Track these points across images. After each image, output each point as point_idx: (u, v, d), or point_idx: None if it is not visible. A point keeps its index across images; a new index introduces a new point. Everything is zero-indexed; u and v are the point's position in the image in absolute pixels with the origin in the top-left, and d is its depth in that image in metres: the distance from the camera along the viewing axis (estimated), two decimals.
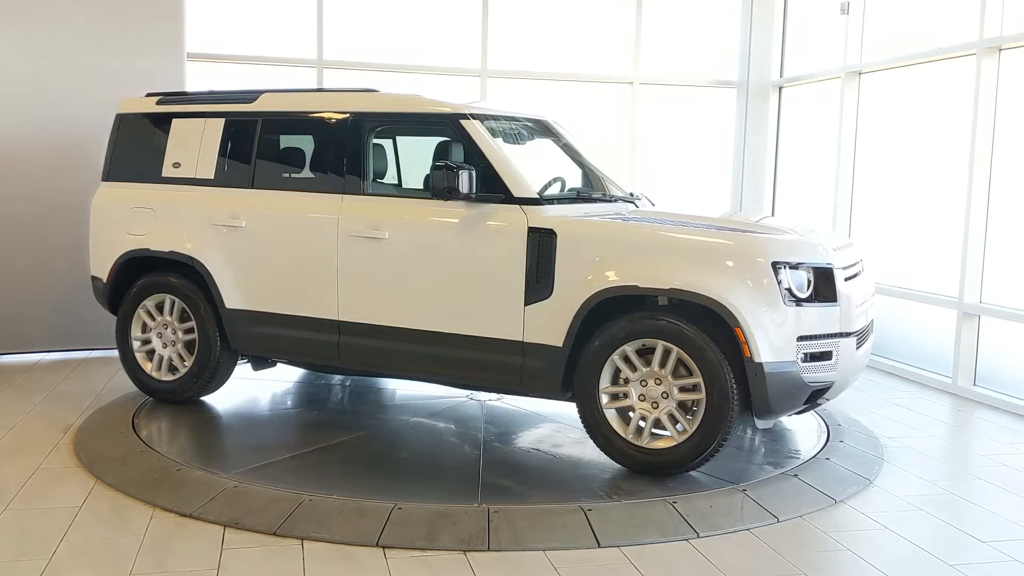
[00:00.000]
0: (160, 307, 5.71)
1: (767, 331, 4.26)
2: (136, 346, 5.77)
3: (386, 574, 3.60)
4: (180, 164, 5.68)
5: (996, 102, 6.50)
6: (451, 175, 4.63)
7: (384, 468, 4.70)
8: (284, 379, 6.41)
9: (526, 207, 4.70)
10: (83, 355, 7.23)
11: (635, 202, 5.35)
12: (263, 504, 4.12)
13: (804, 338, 4.35)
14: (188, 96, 5.93)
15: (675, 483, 4.44)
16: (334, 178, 5.21)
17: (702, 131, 9.30)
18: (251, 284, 5.38)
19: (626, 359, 4.49)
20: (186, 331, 5.64)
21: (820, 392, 4.47)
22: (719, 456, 4.73)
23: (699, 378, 4.34)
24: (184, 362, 5.66)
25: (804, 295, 4.37)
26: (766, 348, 4.26)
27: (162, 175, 5.72)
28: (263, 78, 7.86)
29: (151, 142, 5.82)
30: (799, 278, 4.38)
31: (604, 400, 4.53)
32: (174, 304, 5.64)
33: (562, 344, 4.56)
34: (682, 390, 4.42)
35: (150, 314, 5.73)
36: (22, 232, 7.04)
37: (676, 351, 4.37)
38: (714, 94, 9.28)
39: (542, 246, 4.60)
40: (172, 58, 7.27)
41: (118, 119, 5.99)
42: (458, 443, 5.15)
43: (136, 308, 5.73)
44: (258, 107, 5.52)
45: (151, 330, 5.75)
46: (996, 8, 6.49)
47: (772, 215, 9.12)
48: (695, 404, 4.41)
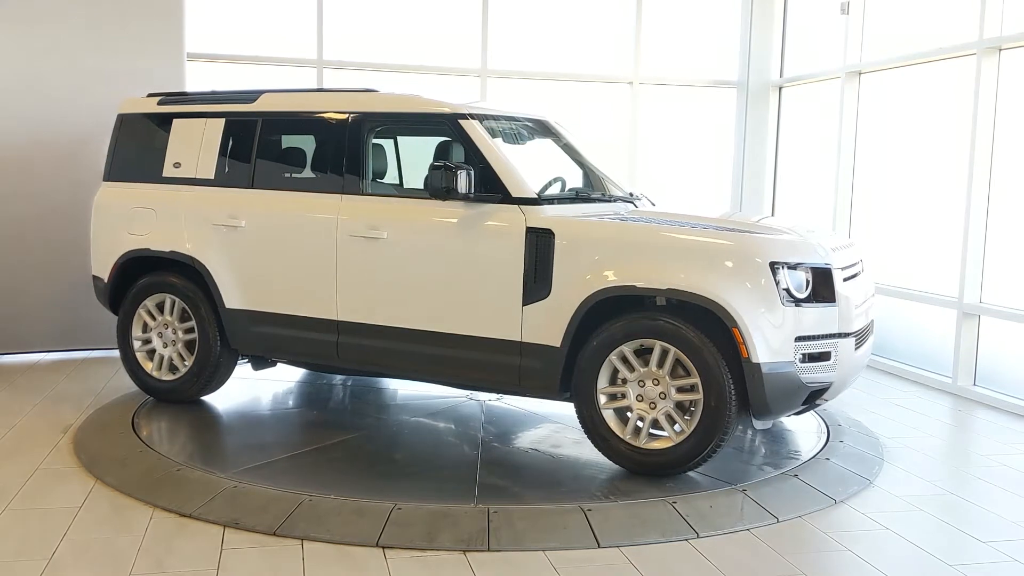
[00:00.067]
0: (161, 307, 5.72)
1: (765, 331, 4.26)
2: (137, 346, 5.77)
3: (386, 574, 3.60)
4: (181, 164, 5.68)
5: (996, 102, 6.50)
6: (449, 175, 4.63)
7: (383, 468, 4.70)
8: (284, 379, 6.41)
9: (524, 207, 4.70)
10: (83, 355, 7.23)
11: (635, 202, 5.35)
12: (263, 504, 4.12)
13: (802, 338, 4.34)
14: (189, 96, 5.94)
15: (675, 483, 4.44)
16: (333, 178, 5.21)
17: (702, 131, 9.30)
18: (251, 284, 5.38)
19: (624, 359, 4.49)
20: (186, 331, 5.64)
21: (819, 393, 4.46)
22: (719, 456, 4.73)
23: (697, 378, 4.34)
24: (184, 362, 5.67)
25: (802, 295, 4.37)
26: (764, 348, 4.25)
27: (163, 175, 5.73)
28: (263, 78, 7.87)
29: (152, 142, 5.83)
30: (797, 278, 4.37)
31: (602, 400, 4.53)
32: (174, 304, 5.65)
33: (560, 344, 4.56)
34: (680, 390, 4.41)
35: (151, 314, 5.74)
36: (22, 232, 7.04)
37: (674, 351, 4.37)
38: (714, 94, 9.28)
39: (540, 246, 4.60)
40: (172, 58, 7.27)
41: (119, 119, 6.00)
42: (457, 443, 5.15)
43: (137, 308, 5.74)
44: (258, 107, 5.52)
45: (152, 330, 5.75)
46: (996, 8, 6.49)
47: (772, 215, 9.12)
48: (693, 404, 4.40)
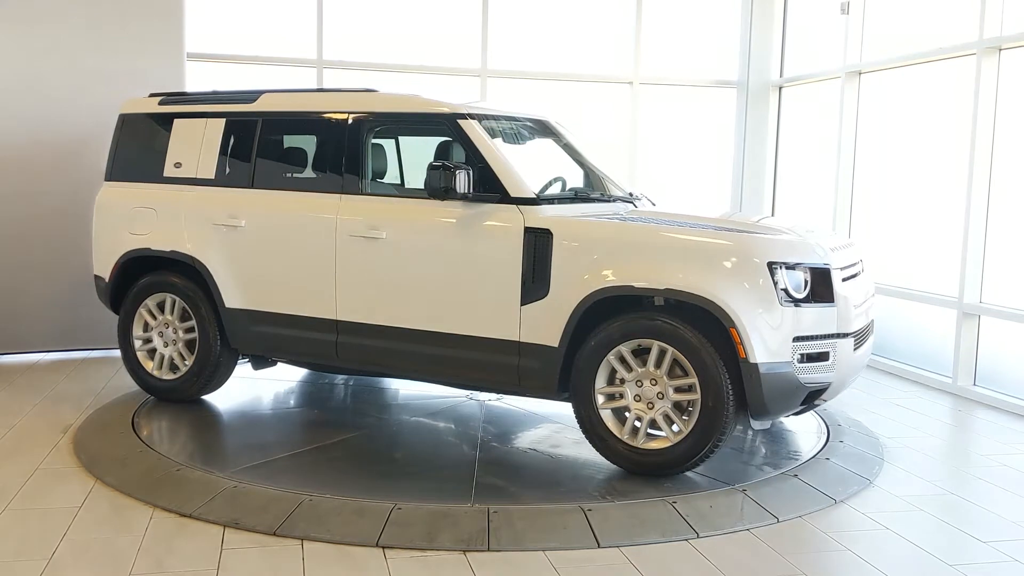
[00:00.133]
0: (161, 306, 5.72)
1: (763, 331, 4.25)
2: (137, 345, 5.78)
3: (386, 574, 3.60)
4: (181, 164, 5.69)
5: (996, 102, 6.50)
6: (447, 175, 4.63)
7: (383, 468, 4.70)
8: (285, 379, 6.41)
9: (523, 207, 4.70)
10: (83, 355, 7.23)
11: (634, 202, 5.34)
12: (263, 504, 4.12)
13: (800, 339, 4.34)
14: (190, 96, 5.94)
15: (675, 483, 4.44)
16: (333, 178, 5.21)
17: (702, 131, 9.30)
18: (251, 283, 5.38)
19: (622, 359, 4.48)
20: (187, 330, 5.65)
21: (817, 393, 4.46)
22: (719, 456, 4.73)
23: (694, 379, 4.33)
24: (185, 361, 5.67)
25: (801, 295, 4.36)
26: (762, 348, 4.25)
27: (164, 175, 5.74)
28: (263, 78, 7.86)
29: (153, 142, 5.83)
30: (796, 278, 4.37)
31: (600, 400, 4.53)
32: (175, 303, 5.66)
33: (558, 344, 4.56)
34: (678, 391, 4.41)
35: (151, 313, 5.74)
36: (22, 232, 7.04)
37: (671, 351, 4.36)
38: (714, 94, 9.28)
39: (538, 246, 4.60)
40: (172, 58, 7.27)
41: (121, 119, 6.01)
42: (456, 443, 5.15)
43: (138, 307, 5.75)
44: (258, 107, 5.53)
45: (152, 329, 5.76)
46: (996, 8, 6.49)
47: (772, 215, 9.12)
48: (691, 405, 4.40)
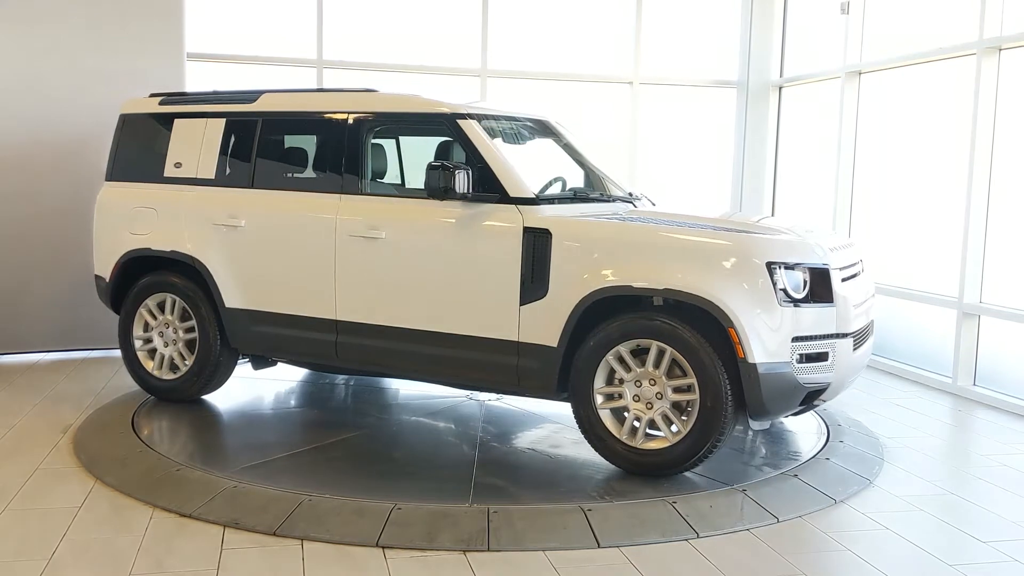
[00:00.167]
0: (161, 306, 5.72)
1: (761, 332, 4.25)
2: (138, 345, 5.78)
3: (386, 574, 3.60)
4: (182, 164, 5.69)
5: (996, 102, 6.50)
6: (447, 175, 4.63)
7: (382, 468, 4.70)
8: (285, 378, 6.41)
9: (522, 207, 4.70)
10: (83, 355, 7.23)
11: (634, 202, 5.34)
12: (263, 504, 4.12)
13: (799, 339, 4.33)
14: (190, 96, 5.95)
15: (675, 483, 4.44)
16: (333, 178, 5.21)
17: (702, 131, 9.30)
18: (250, 283, 5.38)
19: (620, 359, 4.48)
20: (187, 330, 5.65)
21: (816, 393, 4.45)
22: (719, 456, 4.73)
23: (693, 379, 4.33)
24: (185, 361, 5.67)
25: (800, 296, 4.35)
26: (760, 349, 4.24)
27: (164, 175, 5.74)
28: (263, 78, 7.86)
29: (154, 142, 5.84)
30: (794, 279, 4.36)
31: (599, 400, 4.53)
32: (175, 303, 5.66)
33: (557, 344, 4.56)
34: (676, 391, 4.40)
35: (152, 313, 5.75)
36: (21, 232, 7.04)
37: (670, 351, 4.36)
38: (714, 94, 9.28)
39: (537, 246, 4.60)
40: (172, 58, 7.27)
41: (121, 119, 6.02)
42: (456, 443, 5.14)
43: (138, 307, 5.75)
44: (258, 107, 5.53)
45: (153, 329, 5.76)
46: (996, 8, 6.49)
47: (772, 215, 9.12)
48: (689, 405, 4.39)
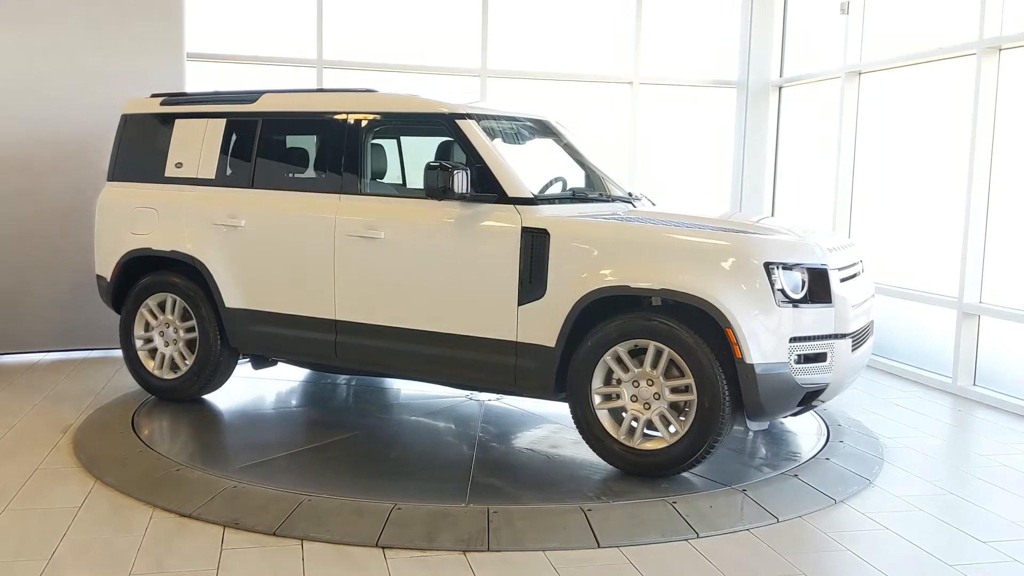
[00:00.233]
0: (162, 306, 5.73)
1: (759, 332, 4.24)
2: (139, 344, 5.79)
3: (386, 574, 3.60)
4: (182, 164, 5.69)
5: (996, 102, 6.50)
6: (445, 175, 4.63)
7: (381, 468, 4.69)
8: (286, 378, 6.41)
9: (520, 207, 4.69)
10: (83, 355, 7.23)
11: (633, 202, 5.34)
12: (262, 504, 4.12)
13: (797, 339, 4.32)
14: (191, 97, 5.95)
15: (675, 483, 4.44)
16: (332, 178, 5.22)
17: (702, 131, 9.30)
18: (250, 283, 5.39)
19: (618, 360, 4.47)
20: (187, 330, 5.65)
21: (815, 394, 4.44)
22: (719, 456, 4.73)
23: (691, 379, 4.32)
24: (185, 360, 5.68)
25: (798, 296, 4.35)
26: (758, 349, 4.23)
27: (165, 175, 5.74)
28: (263, 78, 7.86)
29: (155, 142, 5.84)
30: (793, 279, 4.35)
31: (596, 401, 4.52)
32: (175, 303, 5.66)
33: (555, 344, 4.55)
34: (674, 391, 4.40)
35: (152, 313, 5.75)
36: (21, 232, 7.04)
37: (667, 352, 4.35)
38: (714, 94, 9.28)
39: (535, 246, 4.59)
40: (172, 58, 7.27)
41: (123, 119, 6.02)
42: (456, 443, 5.14)
43: (139, 307, 5.76)
44: (258, 107, 5.53)
45: (153, 329, 5.76)
46: (996, 8, 6.49)
47: (772, 215, 9.12)
48: (687, 405, 4.39)
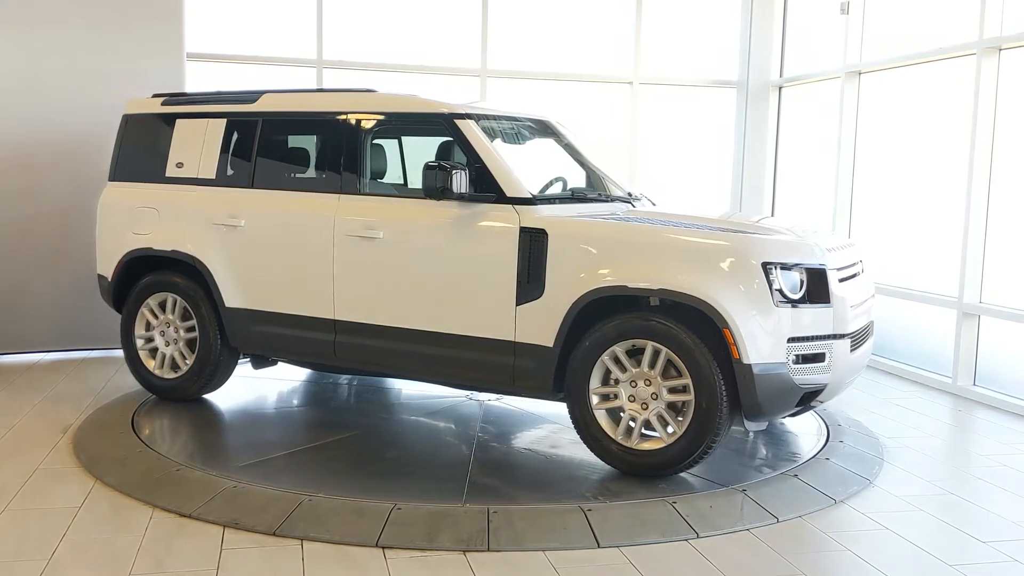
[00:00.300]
0: (163, 305, 5.73)
1: (757, 332, 4.23)
2: (139, 344, 5.79)
3: (386, 574, 3.60)
4: (183, 164, 5.70)
5: (996, 102, 6.50)
6: (443, 175, 4.62)
7: (381, 468, 4.69)
8: (287, 378, 6.41)
9: (519, 207, 4.69)
10: (83, 355, 7.23)
11: (633, 202, 5.34)
12: (262, 504, 4.12)
13: (795, 339, 4.31)
14: (192, 97, 5.96)
15: (675, 483, 4.44)
16: (332, 178, 5.22)
17: (702, 131, 9.30)
18: (250, 283, 5.39)
19: (616, 360, 4.47)
20: (187, 329, 5.66)
21: (813, 394, 4.44)
22: (719, 456, 4.73)
23: (688, 379, 4.32)
24: (186, 360, 5.68)
25: (796, 296, 4.34)
26: (755, 349, 4.22)
27: (166, 175, 5.75)
28: (263, 78, 7.86)
29: (156, 142, 5.85)
30: (791, 279, 4.35)
31: (594, 401, 4.52)
32: (176, 303, 5.67)
33: (553, 344, 4.55)
34: (671, 391, 4.39)
35: (153, 312, 5.76)
36: (21, 232, 7.03)
37: (665, 352, 4.35)
38: (714, 94, 9.28)
39: (534, 246, 4.59)
40: (172, 58, 7.27)
41: (124, 120, 6.03)
42: (455, 443, 5.14)
43: (140, 306, 5.76)
44: (258, 107, 5.54)
45: (154, 328, 5.77)
46: (996, 8, 6.49)
47: (772, 215, 9.12)
48: (685, 405, 4.38)
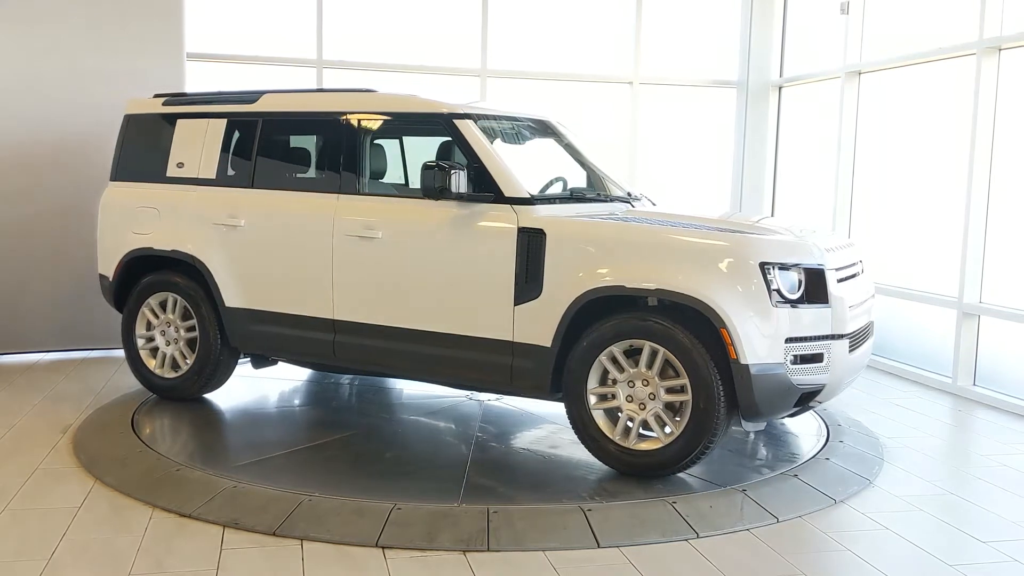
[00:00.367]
0: (163, 305, 5.74)
1: (754, 332, 4.22)
2: (140, 343, 5.80)
3: (386, 574, 3.60)
4: (184, 164, 5.70)
5: (996, 102, 6.49)
6: (442, 175, 4.63)
7: (380, 468, 4.69)
8: (287, 378, 6.41)
9: (517, 207, 4.69)
10: (83, 355, 7.23)
11: (632, 202, 5.34)
12: (262, 504, 4.12)
13: (793, 340, 4.30)
14: (193, 97, 5.97)
15: (675, 484, 4.44)
16: (331, 178, 5.22)
17: (702, 131, 9.30)
18: (250, 283, 5.39)
19: (614, 360, 4.47)
20: (188, 329, 5.66)
21: (811, 395, 4.43)
22: (719, 457, 4.73)
23: (686, 379, 4.31)
24: (186, 359, 5.69)
25: (794, 296, 4.33)
26: (753, 349, 4.21)
27: (167, 175, 5.76)
28: (263, 78, 7.87)
29: (157, 142, 5.85)
30: (789, 279, 4.34)
31: (592, 401, 4.52)
32: (176, 302, 5.67)
33: (551, 344, 4.55)
34: (669, 391, 4.39)
35: (154, 312, 5.77)
36: (21, 232, 7.04)
37: (663, 352, 4.34)
38: (714, 94, 9.28)
39: (532, 246, 4.59)
40: (172, 58, 7.27)
41: (126, 120, 6.04)
42: (453, 443, 5.13)
43: (140, 306, 5.77)
44: (258, 108, 5.54)
45: (155, 328, 5.78)
46: (996, 8, 6.49)
47: (772, 215, 9.12)
48: (682, 406, 4.37)
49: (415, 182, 5.60)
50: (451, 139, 5.03)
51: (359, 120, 5.20)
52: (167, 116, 5.85)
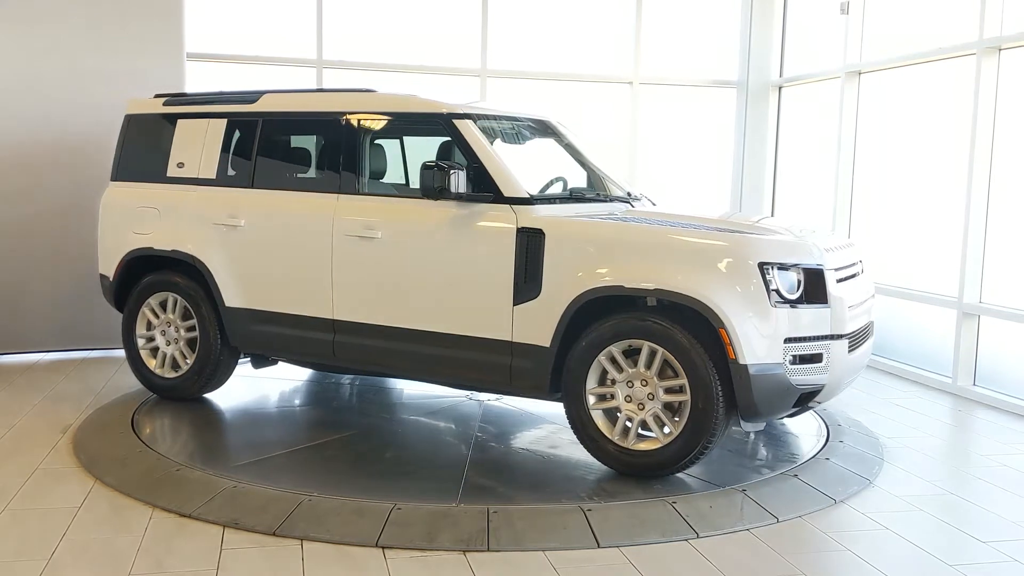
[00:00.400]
0: (164, 305, 5.74)
1: (753, 332, 4.22)
2: (140, 343, 5.80)
3: (386, 574, 3.60)
4: (184, 164, 5.71)
5: (996, 102, 6.50)
6: (441, 175, 4.63)
7: (380, 467, 4.69)
8: (287, 377, 6.41)
9: (516, 207, 4.69)
10: (83, 355, 7.23)
11: (632, 202, 5.34)
12: (262, 504, 4.12)
13: (792, 340, 4.30)
14: (193, 97, 5.97)
15: (675, 484, 4.44)
16: (331, 178, 5.22)
17: (702, 131, 9.30)
18: (250, 283, 5.40)
19: (612, 360, 4.47)
20: (188, 329, 5.66)
21: (810, 395, 4.42)
22: (719, 457, 4.73)
23: (684, 380, 4.31)
24: (186, 359, 5.69)
25: (793, 296, 4.33)
26: (751, 350, 4.21)
27: (167, 175, 5.76)
28: (263, 78, 7.87)
29: (157, 143, 5.86)
30: (788, 279, 4.33)
31: (591, 401, 4.52)
32: (176, 302, 5.68)
33: (550, 344, 4.55)
34: (668, 391, 4.39)
35: (154, 312, 5.77)
36: (21, 232, 7.04)
37: (661, 352, 4.34)
38: (714, 94, 9.28)
39: (531, 246, 4.59)
40: (172, 58, 7.27)
41: (126, 120, 6.04)
42: (453, 442, 5.14)
43: (141, 306, 5.77)
44: (258, 108, 5.54)
45: (155, 328, 5.78)
46: (996, 8, 6.49)
47: (771, 215, 9.12)
48: (681, 406, 4.37)
49: (415, 182, 5.61)
50: (451, 139, 5.03)
51: (359, 120, 5.21)
52: (167, 116, 5.86)
